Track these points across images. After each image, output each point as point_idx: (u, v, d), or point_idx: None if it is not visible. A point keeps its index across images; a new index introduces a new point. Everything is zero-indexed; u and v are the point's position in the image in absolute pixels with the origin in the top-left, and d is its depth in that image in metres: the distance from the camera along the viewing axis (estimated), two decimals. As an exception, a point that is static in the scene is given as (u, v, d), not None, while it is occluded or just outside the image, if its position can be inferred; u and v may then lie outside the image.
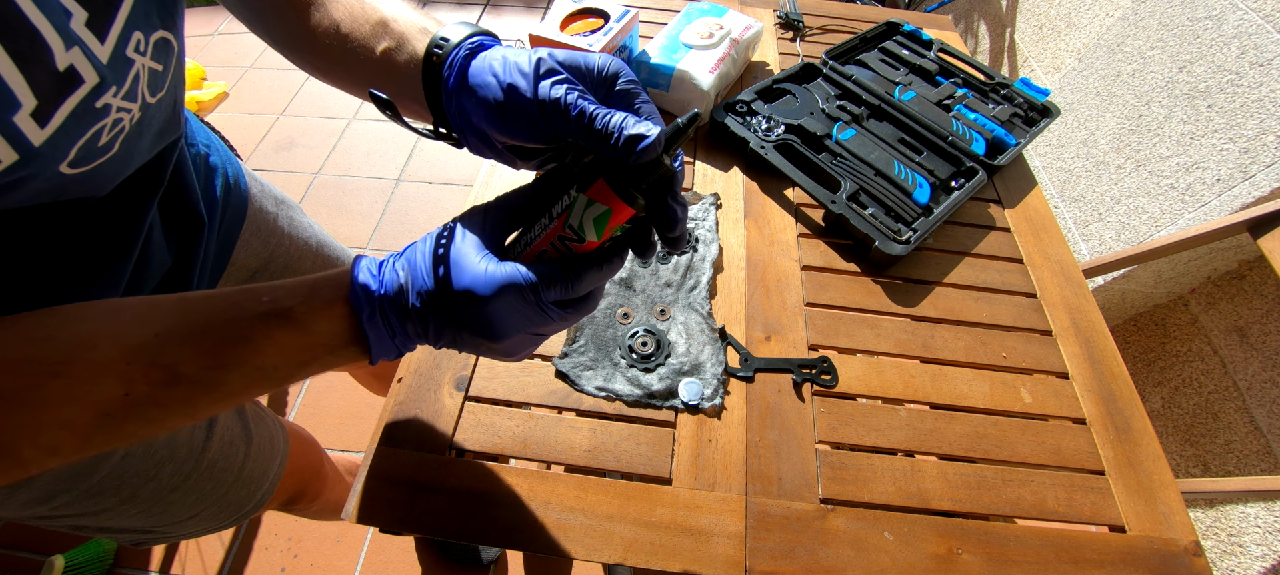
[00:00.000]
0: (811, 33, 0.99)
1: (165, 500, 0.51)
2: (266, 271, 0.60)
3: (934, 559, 0.46)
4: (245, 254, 0.57)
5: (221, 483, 0.55)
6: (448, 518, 0.46)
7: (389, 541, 1.12)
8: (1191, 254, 1.05)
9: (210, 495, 0.55)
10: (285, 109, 2.05)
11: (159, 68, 0.32)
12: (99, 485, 0.46)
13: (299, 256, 0.63)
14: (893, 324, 0.61)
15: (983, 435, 0.53)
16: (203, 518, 0.56)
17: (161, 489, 0.50)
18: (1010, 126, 0.79)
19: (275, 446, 0.63)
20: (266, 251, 0.60)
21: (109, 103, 0.28)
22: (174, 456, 0.50)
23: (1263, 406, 0.97)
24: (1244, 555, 0.92)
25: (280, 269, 0.61)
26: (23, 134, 0.24)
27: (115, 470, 0.46)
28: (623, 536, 0.46)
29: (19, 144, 0.24)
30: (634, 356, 0.55)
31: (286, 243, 0.62)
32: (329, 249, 0.69)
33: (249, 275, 0.58)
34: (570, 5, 0.75)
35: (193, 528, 0.57)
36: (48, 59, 0.24)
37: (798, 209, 0.71)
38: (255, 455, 0.59)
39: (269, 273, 0.60)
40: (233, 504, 0.58)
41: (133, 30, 0.29)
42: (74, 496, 0.45)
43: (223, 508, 0.57)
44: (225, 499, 0.57)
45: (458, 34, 0.33)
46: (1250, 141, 0.95)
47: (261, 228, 0.59)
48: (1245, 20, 0.99)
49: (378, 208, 1.73)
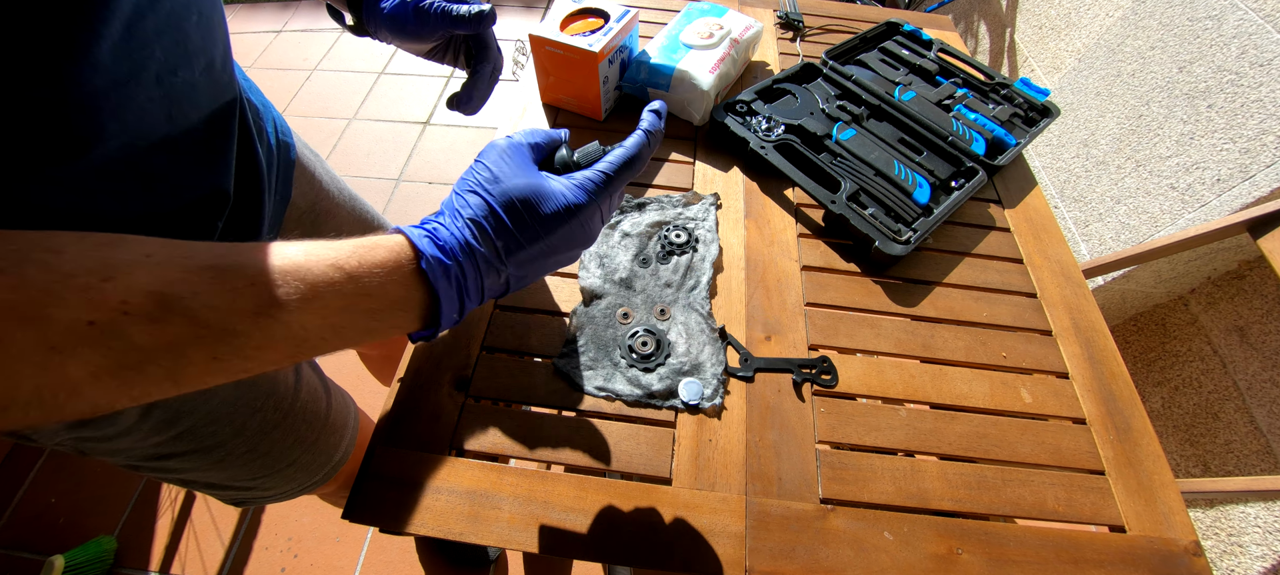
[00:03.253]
0: (811, 33, 0.99)
1: (269, 438, 0.54)
2: (313, 213, 0.63)
3: (934, 559, 0.46)
4: (298, 194, 0.60)
5: (314, 425, 0.58)
6: (448, 518, 0.46)
7: (389, 541, 1.12)
8: (1191, 254, 1.05)
9: (306, 437, 0.58)
10: (285, 109, 2.05)
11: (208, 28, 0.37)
12: (216, 410, 0.48)
13: (336, 205, 0.67)
14: (893, 324, 0.61)
15: (983, 435, 0.53)
16: (299, 465, 0.58)
17: (267, 425, 0.53)
18: (1010, 126, 0.79)
19: (347, 404, 0.65)
20: (312, 192, 0.63)
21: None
22: (274, 391, 0.53)
23: (1263, 406, 0.97)
24: (1244, 555, 0.92)
25: (324, 213, 0.64)
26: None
27: (227, 398, 0.49)
28: (623, 536, 0.46)
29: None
30: (634, 356, 0.55)
31: (324, 191, 0.66)
32: (358, 203, 0.72)
33: (299, 215, 0.62)
34: (570, 5, 0.75)
35: (289, 478, 0.59)
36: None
37: (798, 209, 0.71)
38: (335, 405, 0.62)
39: (315, 214, 0.63)
40: (324, 452, 0.60)
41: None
42: (197, 420, 0.47)
43: (316, 455, 0.59)
44: (317, 446, 0.59)
45: None
46: (1250, 141, 0.95)
47: (306, 170, 0.63)
48: (1245, 20, 0.99)
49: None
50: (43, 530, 1.12)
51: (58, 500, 1.16)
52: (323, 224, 0.65)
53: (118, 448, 0.45)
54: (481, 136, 1.97)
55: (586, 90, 0.75)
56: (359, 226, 0.71)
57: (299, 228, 0.63)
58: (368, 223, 0.74)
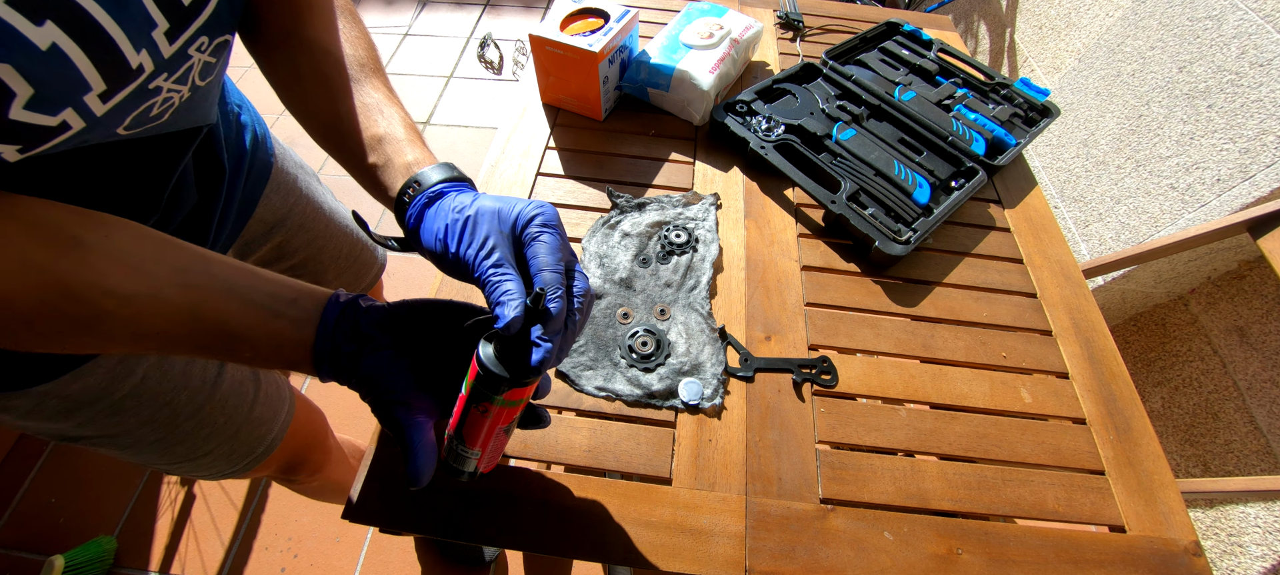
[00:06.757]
0: (811, 33, 0.99)
1: (181, 428, 0.54)
2: (284, 226, 0.64)
3: (934, 559, 0.46)
4: (266, 209, 0.61)
5: (233, 419, 0.58)
6: (448, 518, 0.46)
7: (389, 541, 1.12)
8: (1191, 254, 1.05)
9: (223, 430, 0.58)
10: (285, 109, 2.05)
11: (213, 61, 0.38)
12: (120, 403, 0.49)
13: (313, 217, 0.68)
14: (893, 324, 0.61)
15: (983, 435, 0.53)
16: (216, 456, 0.59)
17: (178, 415, 0.53)
18: (1010, 126, 0.79)
19: (282, 396, 0.65)
20: (284, 207, 0.64)
21: (160, 85, 0.34)
22: (188, 385, 0.53)
23: (1263, 406, 0.97)
24: (1244, 555, 0.92)
25: (296, 226, 0.66)
26: (89, 108, 0.30)
27: (134, 391, 0.49)
28: (623, 536, 0.46)
29: (86, 115, 0.30)
30: (634, 356, 0.55)
31: (304, 202, 0.67)
32: (338, 216, 0.74)
33: (268, 228, 0.63)
34: (570, 5, 0.75)
35: (206, 466, 0.59)
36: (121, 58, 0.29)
37: (798, 209, 0.71)
38: (263, 399, 0.62)
39: (286, 227, 0.64)
40: (244, 445, 0.61)
41: (201, 35, 0.34)
42: (97, 412, 0.48)
43: (234, 447, 0.60)
44: (237, 438, 0.59)
45: (429, 179, 0.40)
46: (1250, 141, 0.95)
47: (283, 185, 0.63)
48: (1245, 20, 0.99)
49: (377, 207, 1.73)
50: (43, 530, 1.12)
51: (58, 500, 1.16)
52: (295, 235, 0.66)
53: (30, 426, 0.47)
54: (482, 136, 1.97)
55: (586, 90, 0.75)
56: (334, 241, 0.72)
57: (269, 237, 0.63)
58: (346, 237, 0.74)
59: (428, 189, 0.39)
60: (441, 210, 0.38)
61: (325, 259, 0.71)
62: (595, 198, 0.70)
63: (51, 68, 0.27)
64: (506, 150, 0.75)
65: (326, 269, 0.72)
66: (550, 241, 0.35)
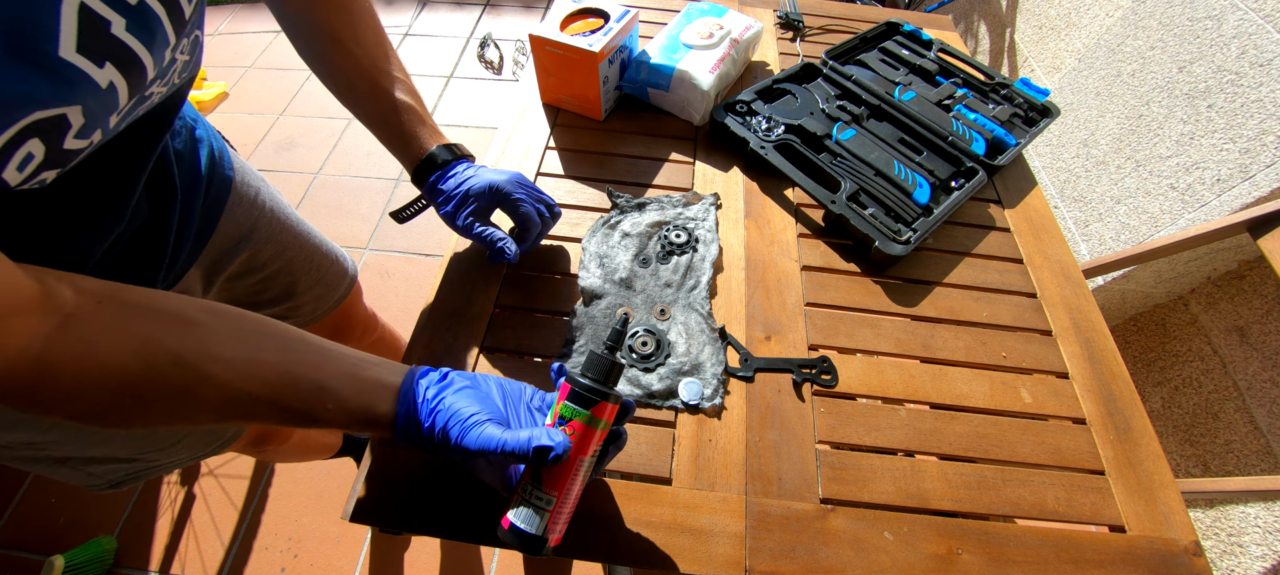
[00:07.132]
0: (811, 33, 0.99)
1: None
2: (251, 239, 0.64)
3: (934, 559, 0.46)
4: (230, 223, 0.61)
5: None
6: (447, 518, 0.46)
7: (389, 541, 1.12)
8: (1191, 254, 1.05)
9: None
10: (285, 109, 2.05)
11: (188, 59, 0.40)
12: None
13: (280, 228, 0.68)
14: (893, 324, 0.61)
15: (983, 435, 0.53)
16: (188, 443, 0.60)
17: None
18: (1010, 126, 0.79)
19: None
20: (249, 221, 0.64)
21: (153, 90, 0.36)
22: None
23: (1263, 406, 0.97)
24: (1244, 555, 0.92)
25: (264, 238, 0.66)
26: (110, 126, 0.33)
27: None
28: (623, 536, 0.46)
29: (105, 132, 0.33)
30: (634, 356, 0.55)
31: (268, 215, 0.66)
32: (304, 227, 0.74)
33: (235, 242, 0.63)
34: (570, 5, 0.75)
35: (179, 454, 0.60)
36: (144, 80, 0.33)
37: (798, 209, 0.71)
38: None
39: (253, 241, 0.64)
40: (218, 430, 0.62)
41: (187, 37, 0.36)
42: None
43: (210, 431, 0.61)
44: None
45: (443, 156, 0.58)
46: (1250, 141, 0.95)
47: (244, 199, 0.63)
48: (1245, 20, 0.99)
49: (378, 208, 1.73)
50: (43, 530, 1.12)
51: (58, 500, 1.16)
52: (264, 247, 0.65)
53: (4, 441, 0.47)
54: (482, 137, 1.97)
55: (586, 90, 0.75)
56: (304, 250, 0.71)
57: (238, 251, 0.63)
58: (314, 248, 0.74)
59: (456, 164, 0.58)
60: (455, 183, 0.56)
61: (297, 268, 0.70)
62: (595, 198, 0.70)
63: (103, 101, 0.30)
64: (506, 150, 0.75)
65: (299, 278, 0.71)
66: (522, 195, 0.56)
